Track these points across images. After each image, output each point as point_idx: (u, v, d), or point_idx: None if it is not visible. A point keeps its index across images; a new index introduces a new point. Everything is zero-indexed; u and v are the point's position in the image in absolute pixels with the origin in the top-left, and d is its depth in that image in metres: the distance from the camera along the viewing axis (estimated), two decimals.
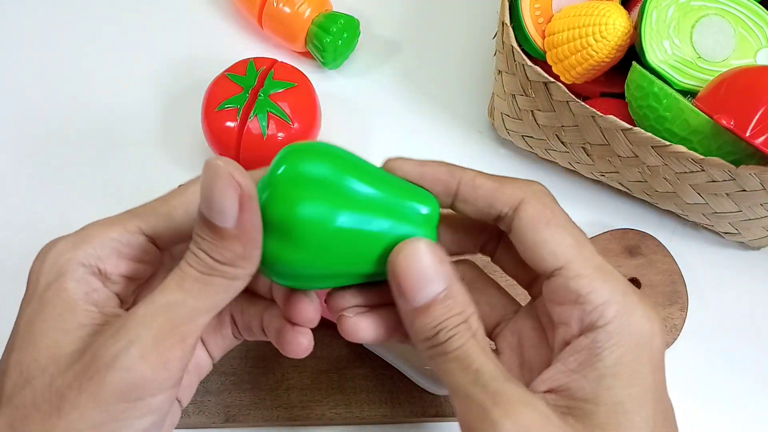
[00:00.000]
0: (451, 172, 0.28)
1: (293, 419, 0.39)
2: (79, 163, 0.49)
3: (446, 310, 0.25)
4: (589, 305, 0.24)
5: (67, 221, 0.46)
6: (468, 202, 0.28)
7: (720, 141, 0.38)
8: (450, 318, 0.25)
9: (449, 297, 0.25)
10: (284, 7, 0.50)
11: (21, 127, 0.51)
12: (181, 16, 0.56)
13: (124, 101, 0.52)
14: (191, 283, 0.24)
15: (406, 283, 0.25)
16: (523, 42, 0.45)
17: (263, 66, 0.46)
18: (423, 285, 0.25)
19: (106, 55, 0.54)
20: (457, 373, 0.24)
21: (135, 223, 0.27)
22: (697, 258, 0.46)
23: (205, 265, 0.24)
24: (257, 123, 0.43)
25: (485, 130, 0.51)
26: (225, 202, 0.23)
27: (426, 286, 0.25)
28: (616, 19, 0.41)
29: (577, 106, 0.40)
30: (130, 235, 0.27)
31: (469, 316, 0.25)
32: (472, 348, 0.24)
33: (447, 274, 0.25)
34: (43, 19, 0.56)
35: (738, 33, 0.42)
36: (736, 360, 0.43)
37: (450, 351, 0.24)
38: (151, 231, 0.27)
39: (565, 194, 0.48)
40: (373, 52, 0.55)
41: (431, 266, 0.25)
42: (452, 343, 0.24)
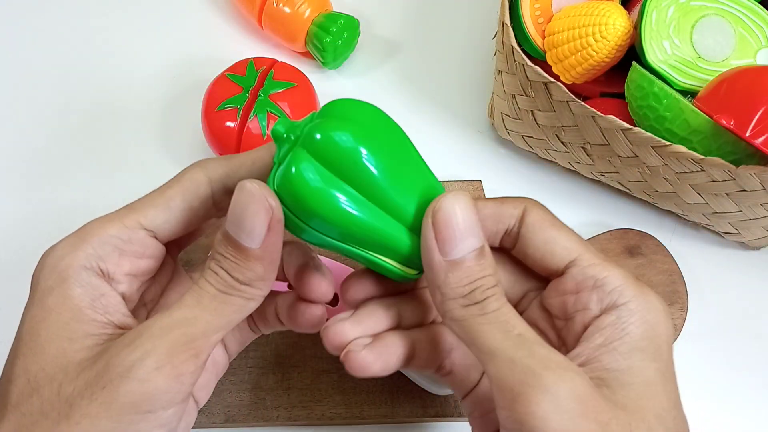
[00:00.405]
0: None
1: (293, 419, 0.39)
2: (79, 163, 0.49)
3: (481, 268, 0.25)
4: (608, 286, 0.25)
5: (67, 221, 0.46)
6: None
7: (720, 141, 0.38)
8: (486, 277, 0.25)
9: (483, 257, 0.25)
10: (284, 7, 0.50)
11: (21, 126, 0.51)
12: (181, 16, 0.56)
13: (124, 101, 0.52)
14: (209, 300, 0.25)
15: (447, 232, 0.24)
16: (523, 42, 0.45)
17: (263, 66, 0.46)
18: (463, 237, 0.24)
19: (106, 55, 0.54)
20: (497, 336, 0.24)
21: (133, 217, 0.27)
22: (697, 258, 0.46)
23: (225, 283, 0.25)
24: (257, 123, 0.43)
25: (485, 130, 0.51)
26: (255, 224, 0.24)
27: (466, 239, 0.24)
28: (616, 19, 0.41)
29: (577, 106, 0.40)
30: (129, 231, 0.27)
31: (499, 281, 0.25)
32: (510, 312, 0.25)
33: (483, 234, 0.25)
34: (44, 20, 0.56)
35: (738, 33, 0.42)
36: (736, 360, 0.43)
37: (489, 312, 0.24)
38: (150, 224, 0.27)
39: (565, 194, 0.48)
40: (373, 52, 0.55)
41: (473, 219, 0.25)
42: (490, 303, 0.24)
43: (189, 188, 0.28)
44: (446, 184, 0.47)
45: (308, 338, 0.41)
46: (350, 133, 0.25)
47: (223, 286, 0.25)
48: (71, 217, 0.46)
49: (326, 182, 0.24)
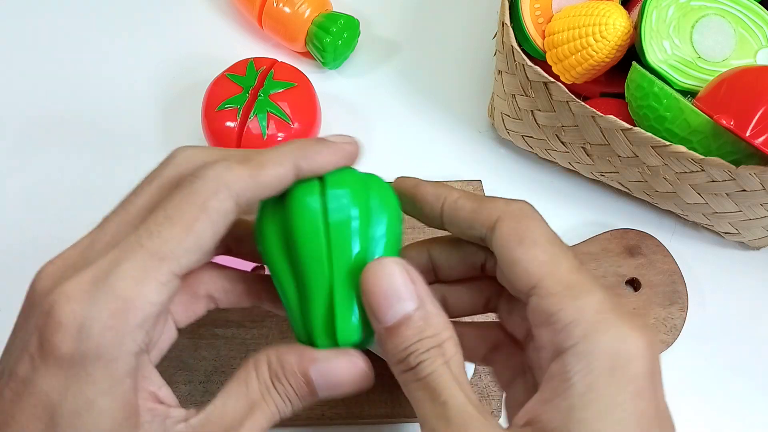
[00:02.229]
0: (437, 194, 0.28)
1: (293, 419, 0.39)
2: (78, 163, 0.49)
3: (417, 331, 0.23)
4: (558, 324, 0.23)
5: (66, 221, 0.46)
6: (452, 223, 0.27)
7: (720, 141, 0.38)
8: (421, 341, 0.23)
9: (422, 318, 0.24)
10: (284, 7, 0.50)
11: (21, 126, 0.51)
12: (181, 16, 0.56)
13: (124, 101, 0.52)
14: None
15: (376, 300, 0.24)
16: (523, 42, 0.45)
17: (263, 66, 0.46)
18: (392, 302, 0.24)
19: (106, 56, 0.54)
20: (426, 404, 0.23)
21: (167, 270, 0.23)
22: (697, 258, 0.46)
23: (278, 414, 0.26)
24: (257, 123, 0.43)
25: (485, 130, 0.51)
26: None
27: (395, 303, 0.24)
28: (616, 19, 0.41)
29: (577, 106, 0.40)
30: (168, 290, 0.23)
31: (444, 341, 0.23)
32: (443, 376, 0.23)
33: (420, 294, 0.24)
34: (43, 19, 0.56)
35: (738, 33, 0.42)
36: (736, 360, 0.43)
37: (420, 378, 0.23)
38: (183, 271, 0.24)
39: (565, 194, 0.48)
40: (373, 52, 0.55)
41: (402, 283, 0.24)
42: (422, 369, 0.23)
43: (219, 222, 0.24)
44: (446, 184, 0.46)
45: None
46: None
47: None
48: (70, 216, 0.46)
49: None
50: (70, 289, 0.22)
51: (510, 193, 0.48)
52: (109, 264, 0.22)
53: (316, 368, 0.26)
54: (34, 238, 0.45)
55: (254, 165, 0.24)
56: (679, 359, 0.42)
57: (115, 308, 0.22)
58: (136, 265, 0.22)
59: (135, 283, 0.22)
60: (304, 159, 0.25)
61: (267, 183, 0.25)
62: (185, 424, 0.24)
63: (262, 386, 0.25)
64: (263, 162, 0.25)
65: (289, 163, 0.25)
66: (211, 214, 0.23)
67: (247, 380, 0.25)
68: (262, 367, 0.26)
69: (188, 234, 0.23)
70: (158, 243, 0.23)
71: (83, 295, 0.22)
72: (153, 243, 0.23)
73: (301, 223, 0.26)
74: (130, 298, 0.22)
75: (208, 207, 0.23)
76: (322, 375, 0.26)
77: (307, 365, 0.25)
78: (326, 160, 0.26)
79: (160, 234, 0.23)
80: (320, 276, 0.26)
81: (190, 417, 0.24)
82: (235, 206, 0.24)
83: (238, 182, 0.24)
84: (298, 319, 0.27)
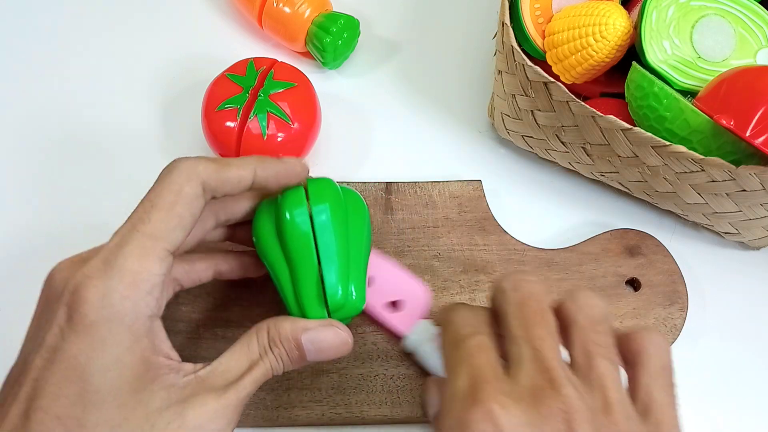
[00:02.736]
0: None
1: (293, 419, 0.39)
2: (78, 163, 0.49)
3: None
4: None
5: (66, 220, 0.46)
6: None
7: (720, 141, 0.38)
8: None
9: None
10: (284, 7, 0.50)
11: (20, 125, 0.51)
12: (181, 16, 0.56)
13: (124, 101, 0.52)
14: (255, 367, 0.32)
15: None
16: (523, 42, 0.45)
17: (263, 66, 0.46)
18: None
19: (107, 55, 0.54)
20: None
21: (161, 246, 0.29)
22: (697, 258, 0.46)
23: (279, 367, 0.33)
24: (257, 123, 0.43)
25: (485, 130, 0.51)
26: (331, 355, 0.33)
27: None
28: (616, 19, 0.41)
29: (577, 106, 0.40)
30: (165, 263, 0.29)
31: None
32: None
33: None
34: (43, 19, 0.56)
35: (738, 33, 0.42)
36: (736, 360, 0.43)
37: None
38: (173, 248, 0.29)
39: (565, 194, 0.48)
40: (373, 52, 0.55)
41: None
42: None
43: (192, 203, 0.30)
44: (446, 184, 0.47)
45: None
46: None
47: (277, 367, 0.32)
48: (70, 215, 0.46)
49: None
50: (88, 270, 0.27)
51: (510, 193, 0.48)
52: (114, 247, 0.28)
53: (306, 336, 0.31)
54: (33, 236, 0.45)
55: (221, 163, 0.31)
56: (678, 359, 0.42)
57: (127, 280, 0.27)
58: (136, 245, 0.28)
59: (138, 259, 0.28)
60: (261, 168, 0.32)
61: (230, 178, 0.31)
62: (194, 375, 0.29)
63: (261, 348, 0.31)
64: (229, 162, 0.32)
65: (250, 167, 0.32)
66: (186, 197, 0.30)
67: (248, 343, 0.31)
68: (262, 332, 0.31)
69: (170, 216, 0.29)
70: (149, 226, 0.29)
71: (100, 273, 0.27)
72: (145, 227, 0.29)
73: (292, 225, 0.33)
74: (137, 271, 0.28)
75: (183, 192, 0.30)
76: (312, 342, 0.32)
77: (299, 333, 0.31)
78: (279, 172, 0.33)
79: (150, 219, 0.29)
80: (309, 264, 0.33)
81: (197, 369, 0.30)
82: (203, 191, 0.30)
83: (205, 172, 0.30)
84: (291, 299, 0.34)
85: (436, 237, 0.45)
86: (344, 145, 0.50)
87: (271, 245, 0.34)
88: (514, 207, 0.47)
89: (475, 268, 0.44)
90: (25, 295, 0.32)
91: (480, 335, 0.29)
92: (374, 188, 0.46)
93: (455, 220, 0.45)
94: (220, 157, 0.32)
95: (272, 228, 0.34)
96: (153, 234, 0.29)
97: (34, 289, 0.31)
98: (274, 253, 0.34)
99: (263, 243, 0.35)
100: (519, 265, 0.44)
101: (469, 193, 0.46)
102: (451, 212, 0.46)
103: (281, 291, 0.35)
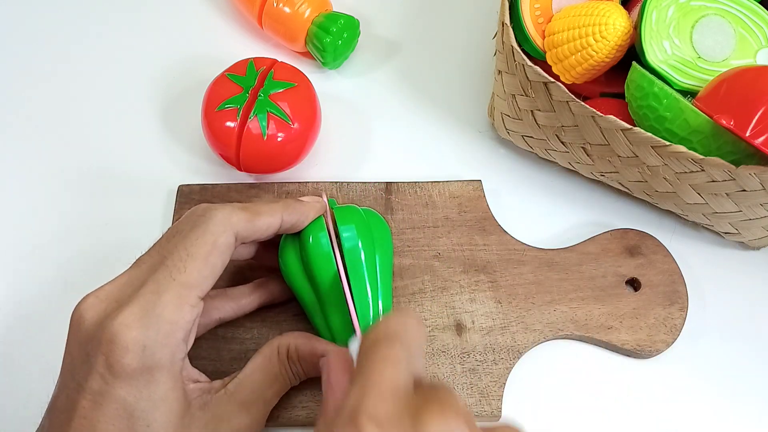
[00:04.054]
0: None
1: (293, 419, 0.39)
2: (78, 163, 0.49)
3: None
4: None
5: (66, 221, 0.46)
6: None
7: (720, 141, 0.38)
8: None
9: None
10: (284, 7, 0.50)
11: (20, 126, 0.51)
12: (181, 16, 0.56)
13: (124, 101, 0.52)
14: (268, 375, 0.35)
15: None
16: (523, 42, 0.45)
17: (263, 66, 0.46)
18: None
19: (107, 56, 0.54)
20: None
21: (194, 295, 0.31)
22: (697, 258, 0.46)
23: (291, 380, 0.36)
24: (257, 123, 0.43)
25: (485, 130, 0.51)
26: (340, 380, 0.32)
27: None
28: (616, 19, 0.41)
29: (577, 106, 0.40)
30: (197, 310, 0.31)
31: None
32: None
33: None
34: (43, 19, 0.56)
35: (738, 33, 0.42)
36: (736, 360, 0.43)
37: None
38: (204, 294, 0.31)
39: (565, 194, 0.48)
40: (373, 52, 0.55)
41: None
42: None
43: (225, 253, 0.32)
44: (446, 184, 0.47)
45: None
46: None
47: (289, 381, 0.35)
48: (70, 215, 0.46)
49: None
50: (127, 319, 0.28)
51: (510, 193, 0.48)
52: (152, 296, 0.29)
53: (323, 360, 0.33)
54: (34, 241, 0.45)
55: (252, 212, 0.33)
56: (679, 359, 0.42)
57: (165, 331, 0.29)
58: (173, 295, 0.30)
59: (175, 309, 0.30)
60: (288, 213, 0.35)
61: (260, 227, 0.34)
62: (224, 390, 0.32)
63: (282, 365, 0.34)
64: (259, 211, 0.34)
65: (278, 215, 0.34)
66: (220, 248, 0.31)
67: (270, 357, 0.34)
68: (282, 348, 0.34)
69: (205, 266, 0.31)
70: (185, 276, 0.30)
71: (139, 323, 0.29)
72: (181, 276, 0.30)
73: (316, 247, 0.36)
74: (174, 320, 0.29)
75: (218, 243, 0.31)
76: (327, 366, 0.32)
77: (317, 356, 0.34)
78: (303, 213, 0.36)
79: (186, 268, 0.30)
80: (335, 288, 0.36)
81: (226, 384, 0.32)
82: (235, 242, 0.32)
83: (238, 224, 0.32)
84: (321, 323, 0.37)
85: (436, 237, 0.45)
86: (344, 145, 0.50)
87: (296, 275, 0.37)
88: (514, 207, 0.47)
89: (475, 268, 0.44)
90: (22, 296, 0.32)
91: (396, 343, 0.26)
92: (374, 188, 0.46)
93: (455, 220, 0.45)
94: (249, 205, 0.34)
95: (297, 259, 0.37)
96: (189, 283, 0.30)
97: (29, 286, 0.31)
98: (300, 282, 0.37)
99: (290, 274, 0.37)
100: (519, 265, 0.44)
101: (469, 193, 0.46)
102: (451, 212, 0.46)
103: (309, 316, 0.38)
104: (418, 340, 0.28)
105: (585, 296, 0.43)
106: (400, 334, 0.27)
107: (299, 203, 0.36)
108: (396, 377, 0.24)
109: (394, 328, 0.27)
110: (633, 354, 0.42)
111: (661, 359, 0.42)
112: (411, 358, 0.26)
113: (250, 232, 0.33)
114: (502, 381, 0.40)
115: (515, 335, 0.42)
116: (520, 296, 0.43)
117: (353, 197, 0.46)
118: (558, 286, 0.43)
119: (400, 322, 0.27)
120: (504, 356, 0.41)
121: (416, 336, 0.27)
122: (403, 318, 0.28)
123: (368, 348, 0.26)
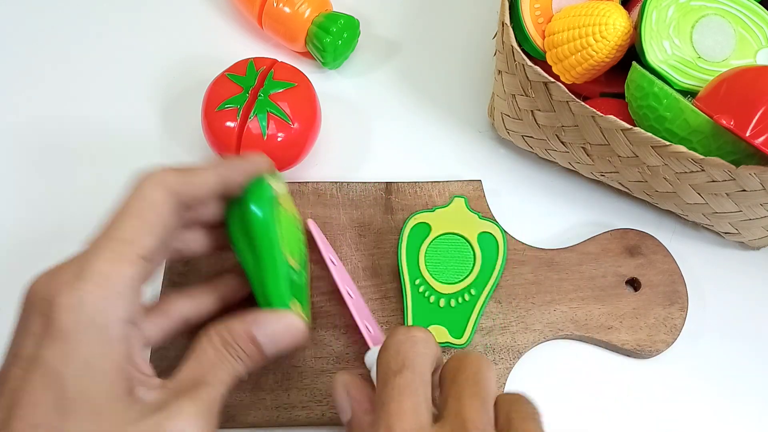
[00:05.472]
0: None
1: (293, 419, 0.39)
2: (78, 163, 0.49)
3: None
4: None
5: (65, 220, 0.46)
6: None
7: (720, 141, 0.38)
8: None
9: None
10: (284, 7, 0.50)
11: (19, 126, 0.51)
12: (181, 17, 0.56)
13: (124, 101, 0.52)
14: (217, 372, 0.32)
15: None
16: (523, 42, 0.45)
17: (263, 66, 0.46)
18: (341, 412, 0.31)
19: (107, 56, 0.54)
20: None
21: (133, 251, 0.29)
22: (697, 258, 0.46)
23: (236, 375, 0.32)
24: (257, 123, 0.43)
25: (485, 130, 0.51)
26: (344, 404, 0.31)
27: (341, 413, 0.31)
28: (616, 19, 0.41)
29: (577, 106, 0.40)
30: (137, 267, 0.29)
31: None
32: None
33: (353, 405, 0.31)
34: (43, 19, 0.56)
35: (738, 33, 0.42)
36: (736, 360, 0.43)
37: None
38: (146, 254, 0.30)
39: (565, 194, 0.48)
40: (373, 52, 0.55)
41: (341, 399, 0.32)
42: None
43: (161, 208, 0.31)
44: (446, 184, 0.47)
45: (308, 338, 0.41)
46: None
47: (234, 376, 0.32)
48: (69, 215, 0.46)
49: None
50: (62, 278, 0.28)
51: (510, 193, 0.48)
52: (89, 255, 0.28)
53: (258, 330, 0.32)
54: (32, 236, 0.45)
55: (187, 170, 0.33)
56: (679, 359, 0.42)
57: (99, 282, 0.28)
58: (108, 249, 0.29)
59: (110, 262, 0.28)
60: (224, 168, 0.34)
61: (196, 182, 0.32)
62: (164, 388, 0.30)
63: (218, 353, 0.31)
64: (195, 168, 0.33)
65: (213, 169, 0.33)
66: (155, 203, 0.31)
67: (204, 349, 0.31)
68: (213, 338, 0.32)
69: (141, 222, 0.30)
70: (120, 232, 0.29)
71: (74, 278, 0.27)
72: (116, 232, 0.29)
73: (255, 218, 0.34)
74: (109, 273, 0.28)
75: (152, 199, 0.31)
76: (265, 335, 0.32)
77: (251, 329, 0.32)
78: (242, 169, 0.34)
79: (120, 225, 0.30)
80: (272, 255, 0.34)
81: (166, 383, 0.30)
82: (170, 197, 0.31)
83: (172, 180, 0.32)
84: (258, 288, 0.35)
85: None
86: (344, 145, 0.50)
87: (240, 240, 0.35)
88: (514, 207, 0.47)
89: None
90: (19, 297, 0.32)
91: (408, 372, 0.28)
92: (374, 188, 0.46)
93: None
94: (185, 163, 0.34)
95: (240, 225, 0.35)
96: (124, 238, 0.29)
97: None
98: (243, 248, 0.35)
99: (233, 239, 0.36)
100: (519, 265, 0.44)
101: (469, 193, 0.46)
102: None
103: (251, 282, 0.35)
104: (431, 357, 0.29)
105: (585, 296, 0.43)
106: (410, 358, 0.29)
107: (237, 158, 0.35)
108: (412, 408, 0.27)
109: (404, 352, 0.29)
110: (633, 354, 0.42)
111: (661, 359, 0.42)
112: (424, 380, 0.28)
113: (184, 186, 0.32)
114: (502, 381, 0.40)
115: (515, 335, 0.42)
116: (520, 296, 0.43)
117: (353, 197, 0.46)
118: (558, 286, 0.43)
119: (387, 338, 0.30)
120: (504, 356, 0.41)
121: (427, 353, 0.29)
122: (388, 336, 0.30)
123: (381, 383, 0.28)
